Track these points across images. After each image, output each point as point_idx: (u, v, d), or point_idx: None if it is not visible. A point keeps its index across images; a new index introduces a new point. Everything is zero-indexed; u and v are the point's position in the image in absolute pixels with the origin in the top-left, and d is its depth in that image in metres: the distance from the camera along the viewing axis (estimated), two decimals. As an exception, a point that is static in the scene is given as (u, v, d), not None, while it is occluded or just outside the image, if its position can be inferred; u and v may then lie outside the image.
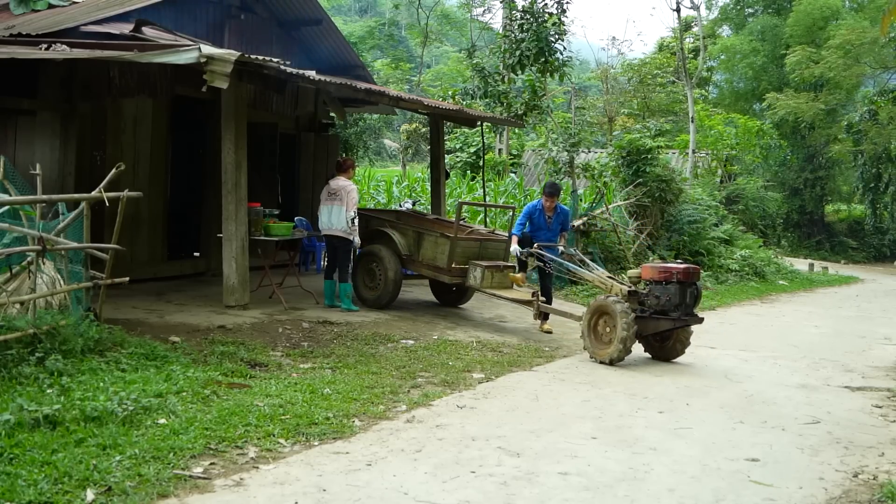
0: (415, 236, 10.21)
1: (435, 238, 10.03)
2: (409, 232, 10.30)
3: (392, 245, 10.24)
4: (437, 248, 9.94)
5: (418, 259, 10.15)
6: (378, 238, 10.41)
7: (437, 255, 9.94)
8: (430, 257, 10.02)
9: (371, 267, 10.26)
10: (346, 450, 5.02)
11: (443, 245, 9.89)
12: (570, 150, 16.97)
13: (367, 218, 10.60)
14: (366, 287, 10.34)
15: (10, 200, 6.58)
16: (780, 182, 33.70)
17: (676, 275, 8.27)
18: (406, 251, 10.20)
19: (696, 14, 32.08)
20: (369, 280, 10.29)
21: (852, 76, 29.64)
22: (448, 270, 9.86)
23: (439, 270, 9.98)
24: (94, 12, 10.20)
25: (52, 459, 4.29)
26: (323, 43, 13.93)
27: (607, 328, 8.27)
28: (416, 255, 10.17)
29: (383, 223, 10.54)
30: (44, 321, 6.24)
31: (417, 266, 10.26)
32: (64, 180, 9.41)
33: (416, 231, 10.26)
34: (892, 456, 5.61)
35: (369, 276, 10.29)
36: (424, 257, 10.09)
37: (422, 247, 10.10)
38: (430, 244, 10.03)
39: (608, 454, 5.28)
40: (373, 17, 62.41)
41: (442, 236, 10.00)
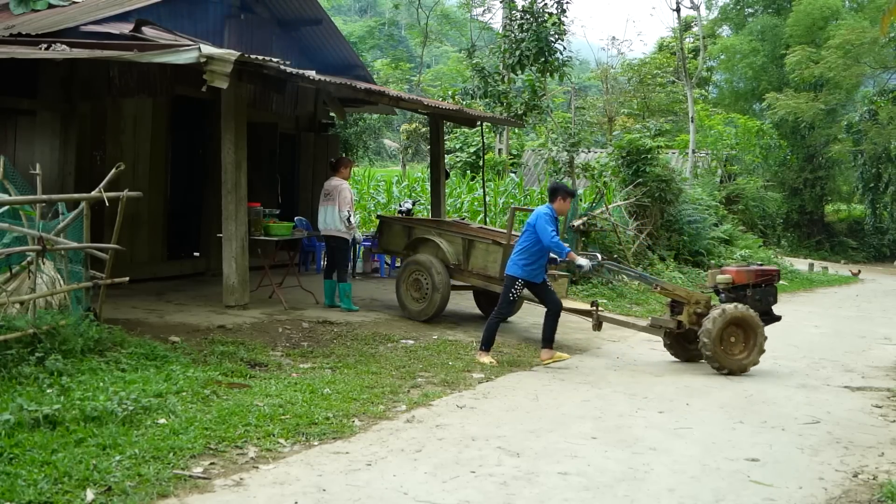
0: (464, 244, 9.62)
1: (486, 246, 9.49)
2: (457, 240, 9.73)
3: (439, 254, 9.72)
4: (489, 257, 9.40)
5: (467, 268, 9.58)
6: (422, 247, 9.96)
7: (489, 264, 9.40)
8: (481, 266, 9.47)
9: (417, 278, 9.70)
10: (345, 450, 5.02)
11: (495, 253, 9.34)
12: (569, 150, 16.99)
13: (410, 226, 10.23)
14: (411, 299, 9.77)
15: (10, 200, 6.57)
16: (780, 182, 33.70)
17: (774, 276, 8.69)
18: (454, 260, 9.62)
19: (696, 14, 32.11)
20: (415, 291, 9.74)
21: (852, 76, 29.64)
22: (501, 279, 8.98)
23: (491, 280, 9.40)
24: (94, 12, 10.20)
25: (52, 459, 4.29)
26: (323, 43, 13.93)
27: (731, 338, 8.18)
28: (464, 265, 9.59)
29: (428, 231, 10.05)
30: (44, 321, 6.24)
31: (466, 276, 9.65)
32: (64, 180, 9.41)
33: (465, 239, 9.68)
34: (891, 456, 5.61)
35: (415, 288, 9.74)
36: (474, 266, 9.53)
37: (471, 255, 9.54)
38: (480, 252, 9.49)
39: (608, 454, 5.28)
40: (373, 17, 62.45)
41: (494, 243, 9.44)
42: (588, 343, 9.63)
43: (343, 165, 10.44)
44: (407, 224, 10.41)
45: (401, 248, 10.28)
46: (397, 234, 10.34)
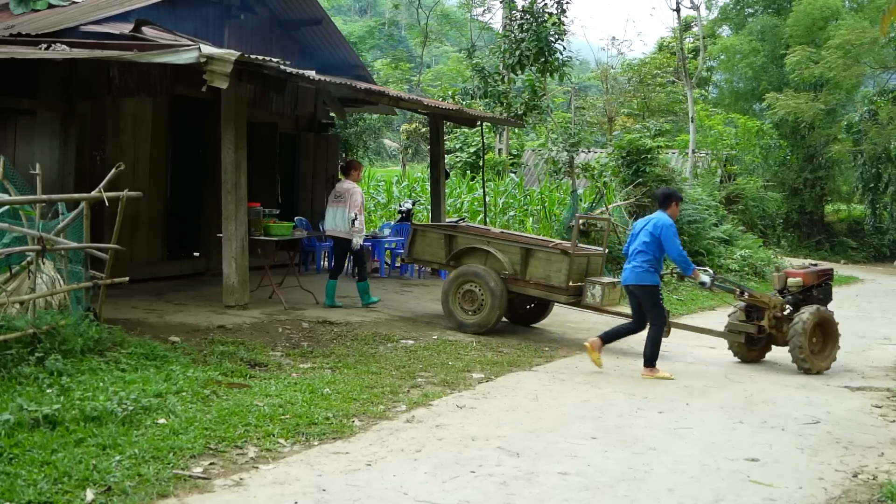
0: (522, 253, 9.30)
1: (548, 255, 9.22)
2: (513, 249, 9.41)
3: (494, 263, 9.38)
4: (552, 266, 9.12)
5: (524, 278, 9.26)
6: (469, 256, 9.57)
7: (552, 274, 9.10)
8: (542, 276, 9.17)
9: (471, 289, 9.31)
10: (345, 450, 5.02)
11: (559, 262, 9.08)
12: (569, 149, 17.00)
13: (451, 235, 9.76)
14: (464, 311, 9.37)
15: (9, 200, 6.57)
16: (780, 182, 33.66)
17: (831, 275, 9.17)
18: (510, 270, 9.27)
19: (696, 14, 32.11)
20: (468, 304, 9.34)
21: (852, 76, 29.61)
22: (566, 289, 9.08)
23: (554, 290, 9.16)
24: (94, 12, 10.20)
25: (52, 459, 4.30)
26: (323, 43, 13.93)
27: (813, 339, 8.55)
28: (521, 274, 9.26)
29: (478, 240, 9.65)
30: (43, 321, 6.24)
31: (522, 285, 9.32)
32: (64, 180, 9.41)
33: (522, 248, 9.38)
34: (891, 456, 5.61)
35: (468, 300, 9.35)
36: (533, 276, 9.21)
37: (530, 265, 9.22)
38: (541, 262, 9.19)
39: (608, 454, 5.28)
40: (373, 17, 62.46)
41: (562, 252, 9.17)
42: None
43: (354, 168, 10.46)
44: (448, 233, 9.85)
45: (440, 258, 9.77)
46: (433, 243, 9.80)
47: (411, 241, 10.05)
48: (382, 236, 14.26)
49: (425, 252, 9.93)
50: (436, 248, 9.81)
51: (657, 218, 8.11)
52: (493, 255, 9.39)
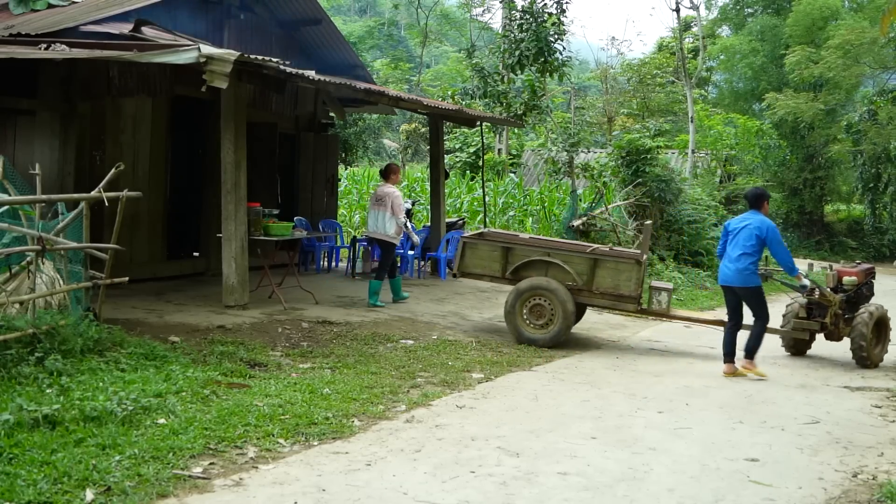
0: (590, 263, 9.13)
1: (616, 264, 9.09)
2: (579, 258, 9.21)
3: (560, 275, 9.14)
4: (621, 275, 9.01)
5: (591, 288, 9.09)
6: (535, 269, 9.25)
7: (622, 282, 9.00)
8: (611, 285, 9.04)
9: (539, 303, 9.02)
10: (345, 450, 5.02)
11: (628, 271, 8.99)
12: (569, 149, 17.00)
13: (508, 247, 9.46)
14: (532, 326, 9.08)
15: (9, 200, 6.57)
16: (780, 182, 33.67)
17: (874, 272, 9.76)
18: (579, 281, 9.09)
19: (696, 14, 32.10)
20: (535, 318, 9.06)
21: (852, 76, 29.61)
22: (636, 298, 9.04)
23: (623, 299, 9.06)
24: (94, 12, 10.20)
25: (52, 459, 4.29)
26: (323, 43, 13.94)
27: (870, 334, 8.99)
28: (588, 285, 9.10)
29: (540, 251, 9.37)
30: (43, 321, 6.24)
31: (588, 296, 9.17)
32: (63, 180, 9.41)
33: (590, 257, 9.20)
34: (891, 456, 5.61)
35: (535, 314, 9.06)
36: (601, 286, 9.06)
37: (597, 274, 9.08)
38: (609, 271, 9.06)
39: (608, 454, 5.28)
40: (372, 17, 62.49)
41: (634, 261, 9.12)
42: (588, 343, 9.63)
43: (393, 172, 10.78)
44: (504, 245, 9.51)
45: (495, 271, 9.41)
46: (486, 255, 9.43)
47: (461, 254, 9.52)
48: (382, 236, 14.24)
49: (476, 265, 9.45)
50: (489, 260, 9.40)
51: (759, 220, 8.17)
52: (559, 267, 9.13)
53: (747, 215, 8.35)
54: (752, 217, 8.24)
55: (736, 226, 8.32)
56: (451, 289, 12.65)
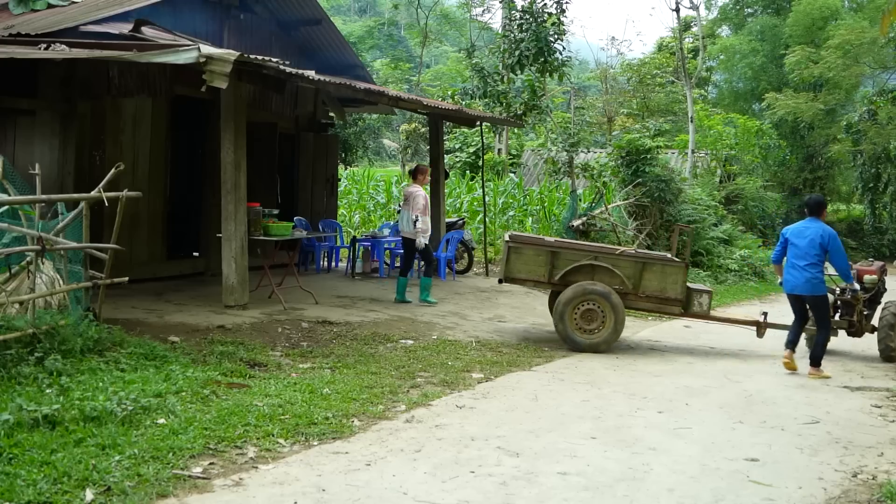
0: (636, 267, 9.19)
1: (662, 267, 9.22)
2: (627, 262, 9.25)
3: (611, 279, 9.14)
4: (667, 279, 9.15)
5: (637, 292, 9.16)
6: (581, 274, 9.19)
7: (668, 286, 9.14)
8: (657, 288, 9.16)
9: (590, 308, 8.99)
10: (345, 450, 5.02)
11: (674, 274, 9.15)
12: (569, 149, 17.00)
13: (554, 251, 9.33)
14: (582, 331, 9.01)
15: (9, 200, 6.57)
16: (780, 182, 33.67)
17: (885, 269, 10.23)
18: (628, 285, 9.14)
19: (696, 14, 32.09)
20: (586, 322, 9.00)
21: (851, 76, 29.62)
22: (681, 301, 9.20)
23: (669, 302, 9.20)
24: (94, 12, 10.20)
25: (52, 459, 4.29)
26: (322, 43, 13.94)
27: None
28: (636, 289, 9.16)
29: (588, 255, 9.33)
30: (43, 321, 6.24)
31: (634, 299, 9.22)
32: (63, 180, 9.41)
33: (635, 261, 9.27)
34: (891, 456, 5.61)
35: (586, 319, 9.01)
36: (648, 289, 9.16)
37: (644, 278, 9.16)
38: (656, 275, 9.16)
39: (607, 454, 5.28)
40: (372, 17, 62.49)
41: (676, 264, 9.29)
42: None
43: (420, 173, 11.11)
44: (551, 249, 9.41)
45: (540, 276, 9.30)
46: (530, 260, 9.31)
47: (506, 259, 9.38)
48: (382, 236, 14.26)
49: (521, 270, 9.33)
50: (534, 265, 9.29)
51: (820, 228, 8.37)
52: (608, 270, 9.14)
53: (807, 223, 8.51)
54: (813, 225, 8.43)
55: (797, 234, 8.48)
56: (450, 289, 12.65)
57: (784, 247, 8.64)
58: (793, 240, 8.47)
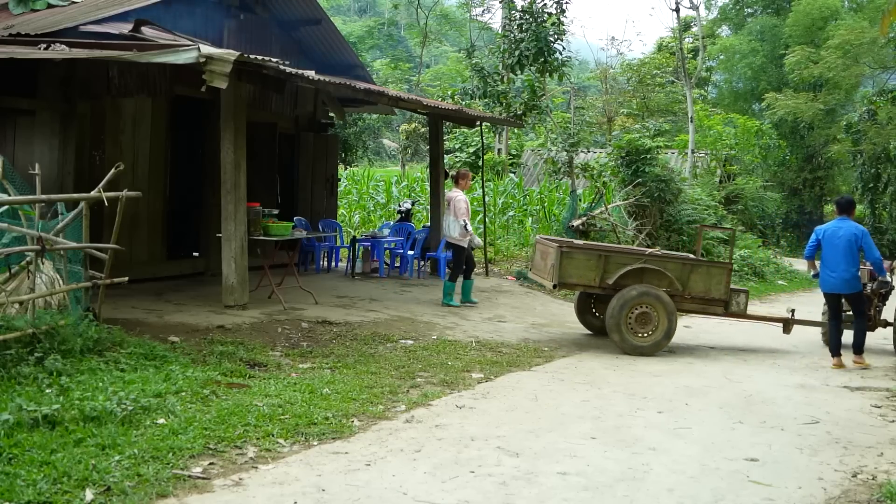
0: (685, 269, 9.36)
1: (707, 268, 9.49)
2: (673, 265, 9.42)
3: (661, 282, 9.23)
4: (712, 280, 9.34)
5: (684, 294, 9.30)
6: (631, 277, 9.21)
7: (712, 287, 9.33)
8: (703, 290, 9.33)
9: (645, 311, 9.04)
10: (345, 450, 5.02)
11: (719, 275, 9.37)
12: (569, 149, 17.00)
13: (606, 255, 9.37)
14: (636, 335, 9.05)
15: (9, 200, 6.57)
16: (780, 182, 33.70)
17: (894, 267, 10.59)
18: (678, 287, 9.26)
19: (696, 14, 32.10)
20: (640, 326, 9.04)
21: (851, 76, 29.64)
22: (725, 301, 9.39)
23: (712, 302, 9.39)
24: (93, 12, 10.20)
25: (51, 459, 4.29)
26: (322, 43, 13.94)
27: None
28: (683, 291, 9.29)
29: (640, 259, 9.41)
30: (43, 321, 6.24)
31: (680, 301, 9.31)
32: (63, 180, 9.41)
33: (683, 263, 9.49)
34: (890, 456, 5.61)
35: (641, 322, 9.05)
36: (693, 290, 9.31)
37: (690, 280, 9.31)
38: (701, 276, 9.35)
39: (607, 454, 5.28)
40: (372, 17, 62.51)
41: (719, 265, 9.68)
42: (587, 343, 9.63)
43: (462, 177, 11.42)
44: (602, 253, 9.46)
45: (593, 280, 9.25)
46: (581, 264, 9.27)
47: (559, 264, 9.21)
48: (381, 236, 14.26)
49: (573, 275, 9.25)
50: (585, 269, 9.25)
51: (852, 227, 8.86)
52: (659, 273, 9.22)
53: (838, 222, 8.98)
54: (845, 224, 8.90)
55: (831, 233, 8.92)
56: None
57: (816, 245, 9.11)
58: (827, 240, 8.91)
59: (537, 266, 10.02)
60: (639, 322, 9.04)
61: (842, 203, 9.19)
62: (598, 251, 9.56)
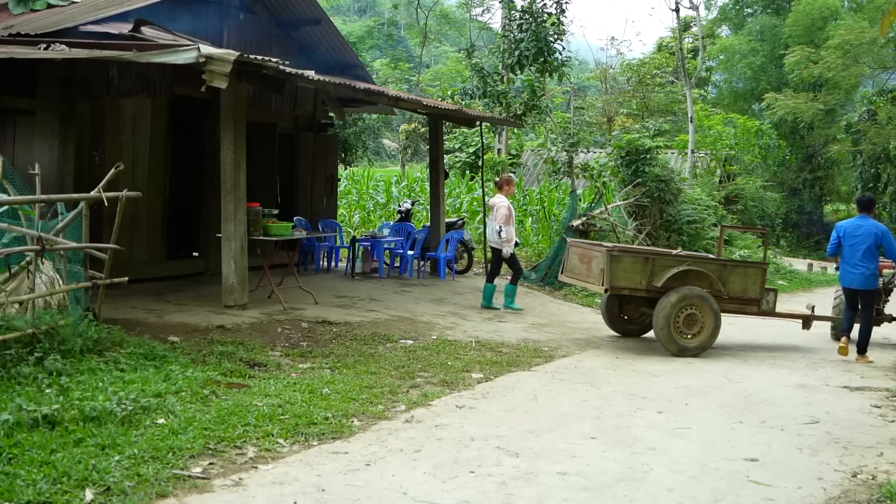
0: (725, 270, 9.55)
1: (744, 269, 9.69)
2: (713, 266, 9.59)
3: (704, 283, 9.34)
4: (748, 280, 9.54)
5: (724, 294, 9.43)
6: (677, 279, 9.27)
7: (749, 287, 9.53)
8: (740, 290, 9.51)
9: (692, 313, 9.16)
10: (344, 450, 5.02)
11: (755, 276, 9.58)
12: (568, 149, 16.99)
13: (651, 258, 9.43)
14: (683, 335, 9.17)
15: (9, 200, 6.57)
16: (779, 182, 33.71)
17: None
18: (722, 288, 9.42)
19: (695, 14, 32.08)
20: (687, 327, 9.17)
21: (851, 76, 29.66)
22: (758, 300, 9.60)
23: (749, 302, 9.59)
24: (93, 12, 10.20)
25: (51, 459, 4.29)
26: (322, 43, 13.94)
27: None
28: (723, 291, 9.43)
29: (684, 262, 9.50)
30: (43, 321, 6.24)
31: (721, 301, 9.43)
32: (63, 180, 9.41)
33: (722, 265, 9.69)
34: (890, 456, 5.61)
35: (688, 324, 9.17)
36: (732, 291, 9.47)
37: (729, 280, 9.48)
38: (739, 276, 9.53)
39: (607, 454, 5.28)
40: (372, 17, 62.48)
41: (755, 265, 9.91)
42: (587, 343, 9.63)
43: (505, 183, 11.59)
44: (648, 256, 9.50)
45: (640, 283, 9.27)
46: (629, 268, 9.28)
47: (610, 268, 9.21)
48: (381, 236, 14.26)
49: (621, 279, 9.26)
50: (632, 273, 9.27)
51: (872, 225, 9.25)
52: (700, 275, 9.33)
53: (858, 220, 9.38)
54: (865, 222, 9.27)
55: (851, 230, 9.31)
56: (450, 289, 12.65)
57: (838, 242, 9.48)
58: (847, 238, 9.30)
59: (575, 270, 10.00)
60: (686, 323, 9.18)
61: (863, 201, 9.54)
62: (644, 254, 9.62)
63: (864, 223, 9.23)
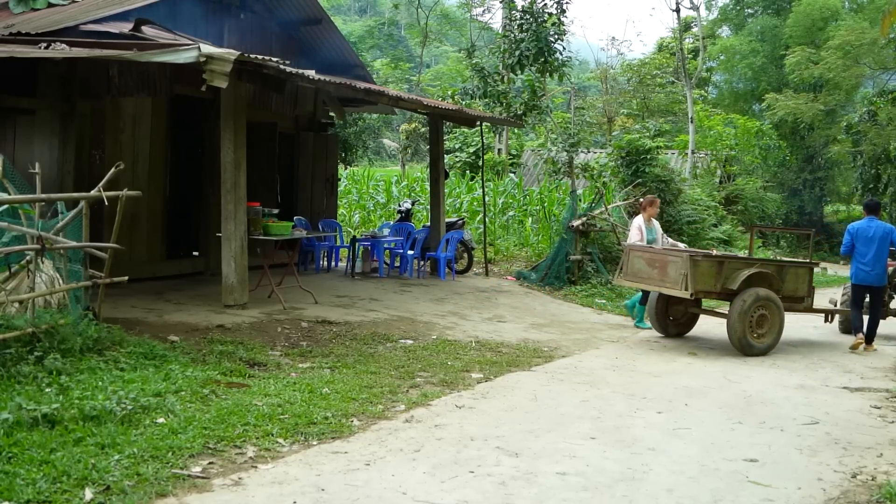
0: (783, 271, 9.94)
1: (796, 270, 10.13)
2: (774, 268, 9.97)
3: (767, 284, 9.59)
4: (798, 280, 10.01)
5: (782, 294, 9.72)
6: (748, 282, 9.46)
7: (799, 286, 10.00)
8: (792, 290, 9.93)
9: (763, 314, 9.41)
10: (344, 449, 5.02)
11: (804, 275, 10.09)
12: (569, 150, 16.98)
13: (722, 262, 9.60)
14: (755, 336, 9.42)
15: (9, 199, 6.57)
16: (780, 183, 33.70)
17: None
18: (784, 289, 9.80)
19: (696, 14, 32.13)
20: (758, 328, 9.44)
21: (851, 77, 29.66)
22: (804, 298, 10.09)
23: (798, 300, 10.03)
24: (94, 11, 10.20)
25: (51, 458, 4.30)
26: (322, 42, 13.94)
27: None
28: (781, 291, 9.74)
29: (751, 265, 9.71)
30: (43, 320, 6.24)
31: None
32: (63, 179, 9.41)
33: (780, 266, 10.12)
34: (890, 456, 5.61)
35: (758, 324, 9.43)
36: (786, 291, 9.84)
37: (786, 281, 9.88)
38: (792, 277, 9.96)
39: (607, 454, 5.28)
40: (372, 17, 62.51)
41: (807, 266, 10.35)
42: (587, 343, 9.63)
43: (648, 204, 11.08)
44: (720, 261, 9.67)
45: (713, 286, 9.44)
46: (705, 272, 9.41)
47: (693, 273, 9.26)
48: (381, 236, 14.26)
49: (698, 282, 9.32)
50: (707, 276, 9.42)
51: (883, 226, 9.91)
52: (768, 276, 9.59)
53: (867, 222, 9.98)
54: (874, 223, 9.92)
55: (863, 231, 9.92)
56: (450, 289, 12.65)
57: (852, 242, 10.01)
58: (859, 238, 9.91)
59: (640, 274, 9.98)
60: (757, 324, 9.45)
61: (870, 205, 10.28)
62: (718, 259, 9.82)
63: (874, 224, 9.89)
